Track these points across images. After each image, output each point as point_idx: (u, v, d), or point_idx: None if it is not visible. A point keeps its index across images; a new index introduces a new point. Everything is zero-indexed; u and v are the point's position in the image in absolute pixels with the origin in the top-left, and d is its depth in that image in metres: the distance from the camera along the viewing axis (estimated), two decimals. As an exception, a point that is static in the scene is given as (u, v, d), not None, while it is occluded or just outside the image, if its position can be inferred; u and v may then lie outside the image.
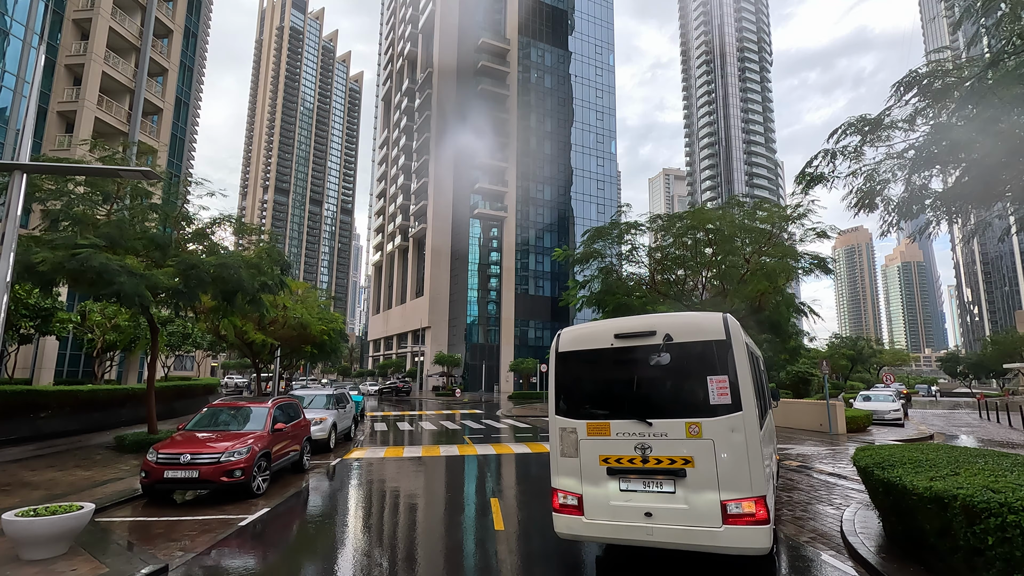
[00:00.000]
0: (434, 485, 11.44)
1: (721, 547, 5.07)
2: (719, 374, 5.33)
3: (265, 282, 14.95)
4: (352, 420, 18.43)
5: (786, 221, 15.17)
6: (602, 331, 6.01)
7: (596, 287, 17.69)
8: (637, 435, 5.46)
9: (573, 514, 5.70)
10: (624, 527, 5.40)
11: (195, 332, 30.65)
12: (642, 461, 5.41)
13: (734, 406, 5.20)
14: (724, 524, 5.01)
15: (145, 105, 38.73)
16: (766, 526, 4.95)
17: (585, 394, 6.06)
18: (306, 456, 12.10)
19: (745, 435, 5.11)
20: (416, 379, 62.58)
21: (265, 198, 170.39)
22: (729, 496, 5.03)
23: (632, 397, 5.70)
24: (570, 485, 5.79)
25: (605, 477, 5.57)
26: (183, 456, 8.75)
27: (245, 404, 10.87)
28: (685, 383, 5.53)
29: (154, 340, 15.21)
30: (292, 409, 11.91)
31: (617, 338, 5.83)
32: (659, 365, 5.59)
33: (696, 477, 5.18)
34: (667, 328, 5.60)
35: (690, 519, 5.16)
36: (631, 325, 5.90)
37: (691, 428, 5.28)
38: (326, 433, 14.96)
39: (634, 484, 5.44)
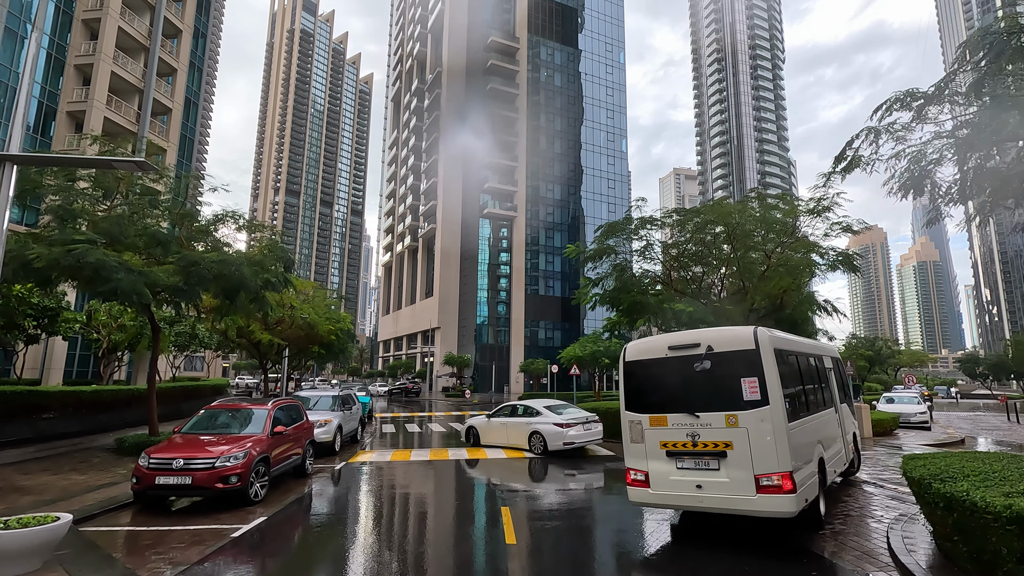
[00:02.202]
0: (442, 492, 10.89)
1: (755, 511, 6.45)
2: (750, 376, 6.67)
3: (268, 279, 14.52)
4: (359, 422, 17.94)
5: (810, 215, 14.44)
6: (659, 344, 7.56)
7: (610, 284, 17.04)
8: (688, 425, 6.95)
9: (642, 487, 7.27)
10: (681, 496, 6.93)
11: (202, 332, 30.37)
12: (692, 445, 6.87)
13: (763, 401, 6.51)
14: (757, 493, 6.38)
15: (154, 105, 38.66)
16: (792, 495, 6.24)
17: (647, 393, 7.52)
18: (309, 460, 11.60)
19: (772, 424, 6.42)
20: (426, 380, 62.19)
21: (276, 199, 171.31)
22: (761, 471, 6.39)
23: (683, 395, 7.14)
24: (639, 464, 7.34)
25: (665, 458, 7.10)
26: (175, 461, 8.27)
27: (244, 406, 10.39)
28: (724, 384, 6.86)
29: (155, 340, 14.82)
30: (294, 411, 11.42)
31: (670, 349, 7.36)
32: (703, 370, 7.03)
33: (735, 457, 6.58)
34: (709, 341, 7.10)
35: (731, 490, 6.56)
36: (681, 339, 7.41)
37: (729, 419, 6.67)
38: (331, 436, 14.47)
39: (687, 463, 6.92)
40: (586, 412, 15.43)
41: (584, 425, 14.65)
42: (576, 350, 35.60)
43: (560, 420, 14.56)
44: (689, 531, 7.61)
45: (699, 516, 8.00)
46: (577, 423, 14.51)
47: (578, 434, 14.43)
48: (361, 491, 10.71)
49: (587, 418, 14.94)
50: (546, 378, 57.08)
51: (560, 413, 14.97)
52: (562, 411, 15.13)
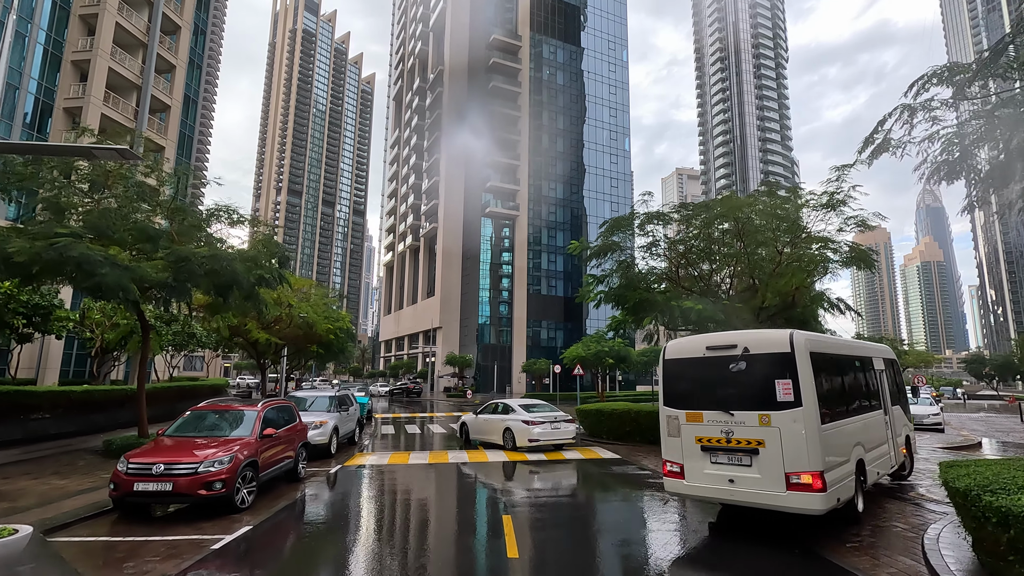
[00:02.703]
0: (441, 498, 10.38)
1: (785, 507, 6.68)
2: (784, 378, 6.88)
3: (262, 276, 14.02)
4: (356, 423, 17.45)
5: (824, 209, 13.87)
6: (696, 344, 7.86)
7: (615, 281, 16.50)
8: (722, 422, 7.23)
9: (677, 478, 7.63)
10: (714, 488, 7.24)
11: (200, 331, 29.90)
12: (726, 441, 7.16)
13: (796, 403, 6.72)
14: (787, 490, 6.61)
15: (153, 102, 38.25)
16: (822, 493, 6.44)
17: (684, 391, 7.83)
18: (301, 464, 11.09)
19: (804, 425, 6.62)
20: (427, 380, 61.69)
21: (278, 199, 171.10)
22: (791, 469, 6.61)
23: (719, 394, 7.44)
24: (675, 457, 7.70)
25: (700, 453, 7.41)
26: (155, 466, 7.76)
27: (232, 407, 9.89)
28: (759, 384, 7.12)
29: (145, 338, 14.33)
30: (286, 412, 10.92)
31: (708, 349, 7.64)
32: (739, 370, 7.29)
33: (767, 455, 6.81)
34: (745, 342, 7.35)
35: (762, 486, 6.81)
36: (719, 340, 7.70)
37: (763, 418, 6.91)
38: (326, 438, 13.97)
39: (721, 458, 7.20)
40: (560, 413, 15.78)
41: (552, 424, 15.04)
42: (579, 350, 35.04)
43: (527, 418, 15.05)
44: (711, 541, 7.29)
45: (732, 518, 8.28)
46: (544, 422, 14.92)
47: (543, 432, 14.82)
48: (356, 497, 10.19)
49: (556, 418, 15.29)
50: (548, 378, 56.56)
51: (531, 412, 15.46)
52: (534, 410, 15.59)
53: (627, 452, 14.89)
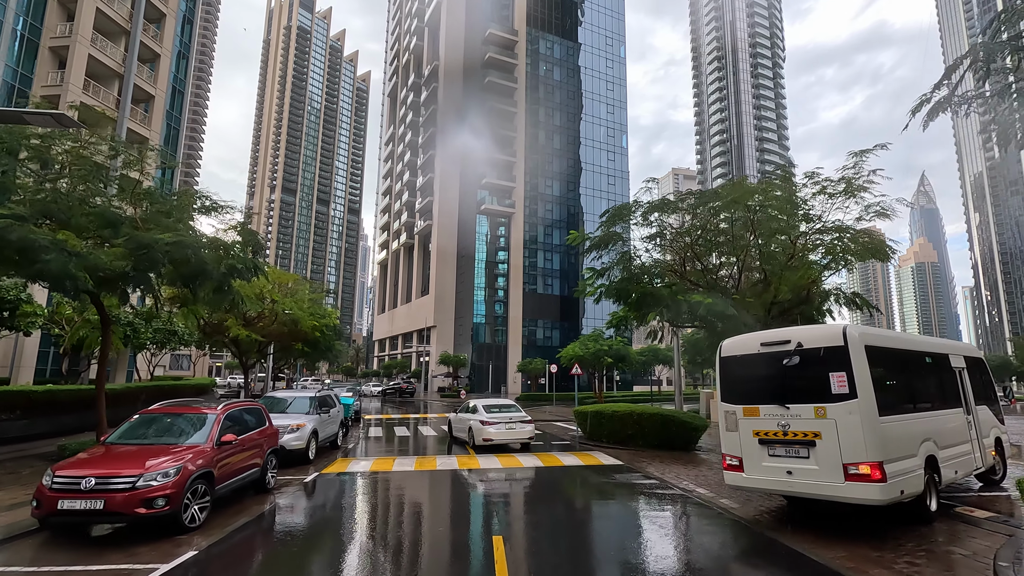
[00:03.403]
0: (425, 513, 9.27)
1: (843, 497, 6.80)
2: (839, 371, 6.96)
3: (234, 266, 12.85)
4: (340, 425, 16.32)
5: (844, 195, 12.84)
6: (751, 340, 8.11)
7: (616, 275, 15.43)
8: (778, 416, 7.35)
9: (736, 471, 7.80)
10: (773, 480, 7.41)
11: (182, 329, 28.68)
12: (783, 434, 7.28)
13: (851, 395, 6.82)
14: (846, 481, 6.69)
15: (136, 92, 36.95)
16: (880, 484, 6.48)
17: (740, 386, 8.05)
18: (271, 472, 9.96)
19: (860, 417, 6.70)
20: (421, 380, 60.51)
21: (272, 197, 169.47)
22: (849, 460, 6.69)
23: (774, 388, 7.58)
24: (733, 450, 7.86)
25: (757, 446, 7.57)
26: (85, 480, 6.62)
27: (187, 410, 8.75)
28: (813, 377, 7.24)
29: (105, 333, 13.17)
30: (253, 415, 9.79)
31: (762, 345, 7.83)
32: (793, 365, 7.38)
33: (823, 446, 6.92)
34: (799, 338, 7.48)
35: (820, 477, 6.93)
36: (772, 336, 7.89)
37: (818, 411, 7.02)
38: (304, 442, 12.83)
39: (778, 451, 7.35)
40: (520, 414, 16.15)
41: (507, 425, 15.50)
42: (576, 349, 33.96)
43: (484, 418, 15.60)
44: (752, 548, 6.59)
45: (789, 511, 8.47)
46: (499, 422, 15.44)
47: (497, 431, 15.32)
48: (329, 511, 9.08)
49: (512, 418, 15.69)
50: (544, 378, 55.49)
51: (491, 412, 15.93)
52: (495, 411, 16.07)
53: (630, 458, 13.83)
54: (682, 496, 9.67)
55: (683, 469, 12.15)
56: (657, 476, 11.38)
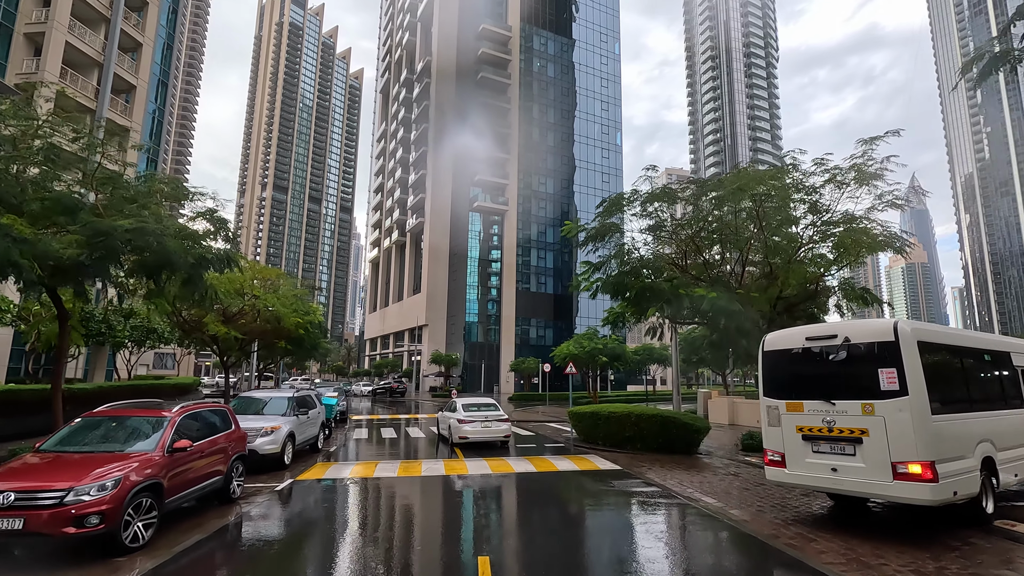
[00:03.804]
0: (405, 527, 8.40)
1: (891, 496, 6.74)
2: (888, 367, 6.80)
3: (203, 256, 11.91)
4: (320, 428, 15.40)
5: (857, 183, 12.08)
6: (796, 335, 7.94)
7: (613, 268, 14.61)
8: (823, 411, 7.24)
9: (778, 467, 7.68)
10: (816, 477, 7.30)
11: (161, 326, 27.62)
12: (828, 431, 7.18)
13: (901, 392, 6.65)
14: (894, 480, 6.59)
15: (117, 82, 35.75)
16: (931, 484, 6.34)
17: (784, 381, 7.89)
18: (237, 481, 9.05)
19: (911, 414, 6.55)
20: (412, 379, 59.52)
21: (263, 195, 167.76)
22: (898, 459, 6.58)
23: (819, 383, 7.43)
24: (775, 446, 7.75)
25: (801, 442, 7.44)
26: (3, 496, 5.69)
27: (136, 412, 7.82)
28: (860, 373, 7.06)
29: (62, 329, 12.18)
30: (215, 418, 8.88)
31: (807, 340, 7.66)
32: (839, 360, 7.26)
33: (871, 444, 6.81)
34: (846, 332, 7.35)
35: (866, 475, 6.83)
36: (818, 330, 7.74)
37: (866, 407, 6.90)
38: (278, 446, 11.92)
39: (823, 447, 7.23)
40: (497, 413, 16.32)
41: (483, 423, 15.74)
42: (571, 347, 33.14)
43: (461, 417, 15.85)
44: None
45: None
46: (475, 421, 15.71)
47: (472, 429, 15.57)
48: (298, 525, 8.18)
49: (487, 417, 15.89)
50: (537, 377, 54.66)
51: (468, 411, 16.19)
52: (474, 410, 16.32)
53: (628, 462, 13.01)
54: (688, 507, 8.86)
55: (686, 475, 11.34)
56: (659, 483, 10.56)
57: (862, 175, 12.11)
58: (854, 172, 12.54)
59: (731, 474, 11.42)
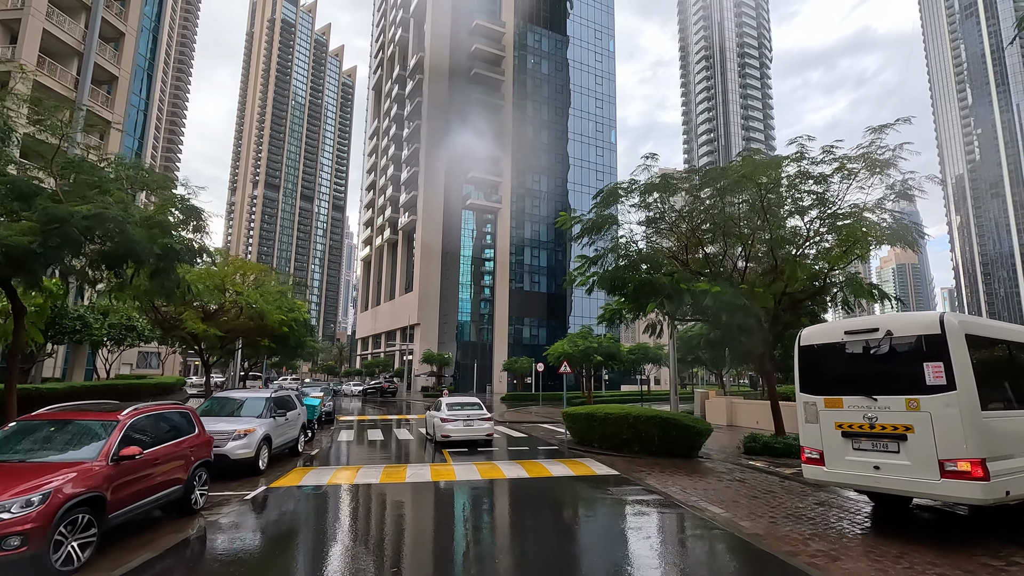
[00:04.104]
0: (383, 541, 7.61)
1: (939, 495, 6.49)
2: (935, 361, 6.56)
3: (170, 246, 11.06)
4: (300, 430, 14.58)
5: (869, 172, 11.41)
6: (834, 329, 7.92)
7: (610, 262, 13.88)
8: (864, 407, 7.07)
9: (816, 465, 7.54)
10: (857, 475, 7.10)
11: (141, 324, 26.64)
12: (870, 427, 7.01)
13: (949, 387, 6.40)
14: (941, 478, 6.31)
15: (98, 73, 34.67)
16: (982, 482, 6.04)
17: (822, 376, 7.80)
18: (199, 490, 8.23)
19: (960, 410, 6.29)
20: (404, 379, 58.61)
21: (255, 193, 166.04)
22: (946, 456, 6.29)
23: (859, 378, 7.33)
24: (813, 443, 7.61)
25: (840, 439, 7.29)
26: (-97, 514, 4.88)
27: (80, 415, 7.00)
28: (904, 368, 6.92)
29: (17, 323, 11.29)
30: (175, 420, 8.06)
31: (847, 334, 7.53)
32: (880, 354, 7.08)
33: (916, 441, 6.56)
34: (888, 325, 7.14)
35: (912, 473, 6.59)
36: (859, 324, 7.57)
37: (910, 403, 6.67)
38: (252, 450, 11.09)
39: (864, 444, 7.07)
40: (480, 412, 16.44)
41: (465, 422, 15.85)
42: (565, 346, 32.41)
43: (444, 416, 15.96)
44: None
45: None
46: (457, 420, 15.80)
47: (455, 428, 15.66)
48: (264, 541, 7.38)
49: (470, 416, 16.05)
50: (531, 377, 53.94)
51: (452, 410, 16.32)
52: (457, 409, 16.43)
53: (626, 467, 12.28)
54: (693, 517, 8.14)
55: (688, 481, 10.63)
56: (660, 490, 9.83)
57: (873, 163, 11.44)
58: (864, 160, 11.86)
59: (736, 480, 10.73)
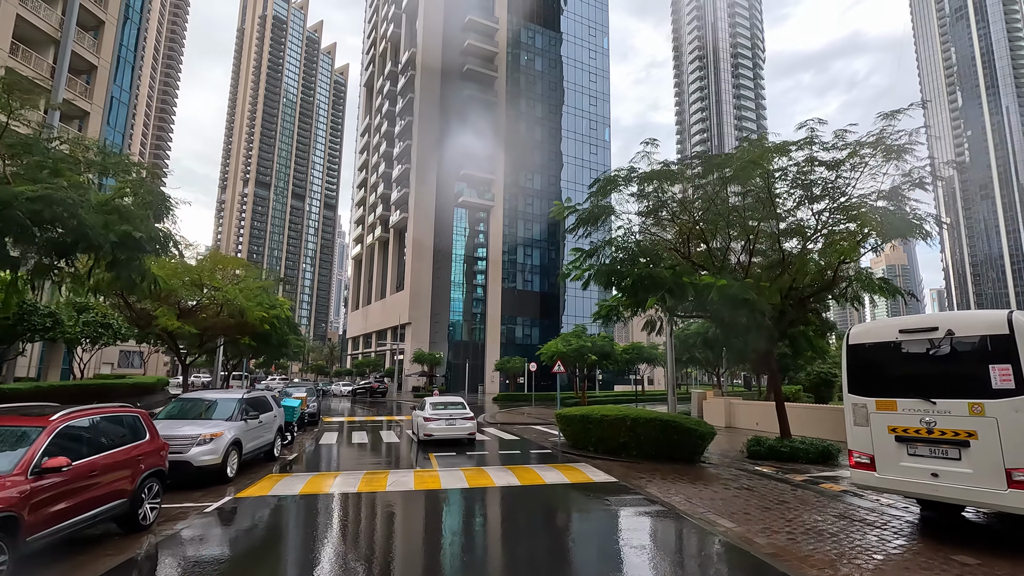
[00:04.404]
0: (350, 565, 6.73)
1: (1005, 507, 6.01)
2: (1002, 363, 6.15)
3: (129, 233, 10.11)
4: (277, 432, 13.65)
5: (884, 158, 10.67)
6: (887, 327, 7.40)
7: (608, 254, 13.06)
8: (922, 411, 6.65)
9: (866, 470, 7.15)
10: (912, 483, 6.68)
11: (116, 322, 25.55)
12: (927, 432, 6.58)
13: (1018, 390, 5.99)
14: (1009, 488, 5.89)
15: (77, 62, 33.49)
16: None
17: (873, 377, 7.36)
18: (148, 504, 7.32)
19: None
20: (395, 379, 57.59)
21: (245, 191, 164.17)
22: (1014, 465, 5.88)
23: (916, 380, 6.88)
24: (863, 447, 7.24)
25: (894, 443, 6.91)
26: None
27: (5, 420, 6.08)
28: (967, 370, 6.52)
29: (-41, 318, 10.33)
30: (120, 426, 7.15)
31: (902, 332, 7.09)
32: (940, 355, 6.70)
33: (980, 448, 6.14)
34: (949, 324, 6.71)
35: (974, 482, 6.16)
36: (915, 322, 7.07)
37: (974, 407, 6.25)
38: (218, 456, 10.17)
39: (921, 450, 6.65)
40: (462, 411, 16.56)
41: (447, 421, 16.03)
42: (558, 345, 31.58)
43: (427, 415, 16.17)
44: None
45: None
46: (440, 419, 15.99)
47: (437, 427, 15.85)
48: (216, 566, 6.48)
49: (452, 415, 16.20)
50: (523, 377, 53.15)
51: (436, 409, 16.53)
52: (440, 408, 16.64)
53: (624, 473, 11.48)
54: (701, 532, 7.33)
55: (693, 489, 9.83)
56: (663, 500, 9.02)
57: (889, 149, 10.70)
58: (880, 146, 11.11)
59: (744, 488, 9.94)
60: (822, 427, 16.83)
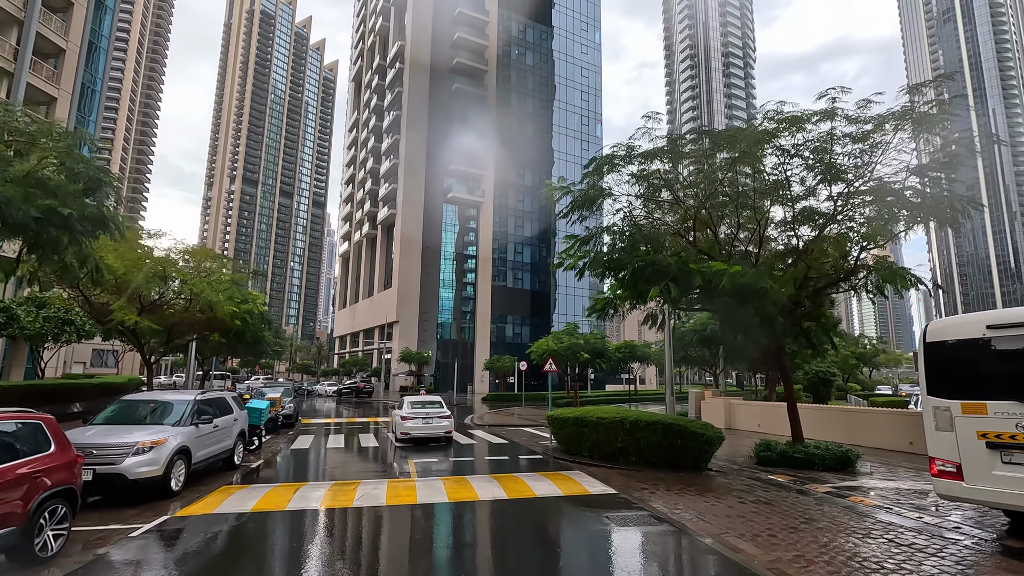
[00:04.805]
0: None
1: None
2: None
3: (54, 208, 8.72)
4: (239, 437, 12.29)
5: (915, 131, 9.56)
6: (972, 322, 6.75)
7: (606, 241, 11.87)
8: (1018, 415, 6.02)
9: (952, 479, 6.52)
10: (1007, 494, 6.04)
11: (78, 318, 23.97)
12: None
13: None
14: None
15: (44, 45, 31.77)
16: None
17: (957, 378, 6.72)
18: (50, 531, 5.99)
19: None
20: (382, 378, 56.10)
21: (232, 188, 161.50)
22: None
23: (1009, 381, 6.21)
24: (946, 455, 6.60)
25: (985, 450, 6.25)
26: None
27: None
28: None
29: None
30: (13, 437, 5.81)
31: (990, 328, 6.45)
32: None
33: None
34: None
35: None
36: (1005, 317, 6.46)
37: None
38: (159, 467, 8.81)
39: (1017, 458, 6.01)
40: (439, 411, 16.55)
41: (424, 420, 16.04)
42: (550, 343, 30.36)
43: (404, 414, 16.23)
44: None
45: None
46: (416, 418, 15.99)
47: (414, 426, 15.87)
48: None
49: (429, 414, 16.22)
50: (513, 377, 51.92)
51: (414, 408, 16.51)
52: (418, 407, 16.58)
53: (623, 483, 10.26)
54: (724, 561, 6.12)
55: (704, 503, 8.63)
56: (671, 517, 7.80)
57: (921, 120, 9.58)
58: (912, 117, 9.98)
59: (763, 502, 8.75)
60: (831, 430, 15.78)
